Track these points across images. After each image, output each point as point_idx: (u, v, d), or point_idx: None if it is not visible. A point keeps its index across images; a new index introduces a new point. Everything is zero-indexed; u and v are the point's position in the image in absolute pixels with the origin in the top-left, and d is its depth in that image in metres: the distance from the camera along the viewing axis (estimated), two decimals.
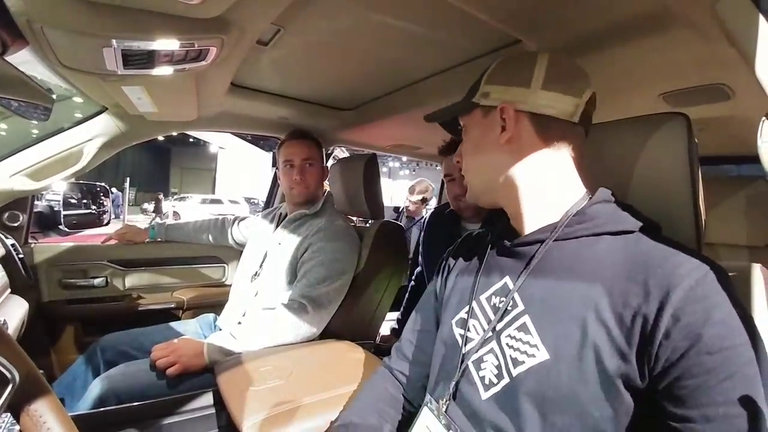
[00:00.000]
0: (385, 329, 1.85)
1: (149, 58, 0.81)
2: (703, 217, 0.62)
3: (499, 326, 0.60)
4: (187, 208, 16.10)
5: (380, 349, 1.32)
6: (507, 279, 0.63)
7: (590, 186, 0.64)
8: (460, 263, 0.77)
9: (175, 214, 15.27)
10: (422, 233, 1.78)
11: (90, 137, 1.38)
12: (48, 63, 0.85)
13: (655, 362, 0.46)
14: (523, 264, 0.62)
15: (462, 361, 0.63)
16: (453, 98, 1.17)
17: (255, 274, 1.45)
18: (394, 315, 1.97)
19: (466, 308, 0.67)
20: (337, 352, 1.15)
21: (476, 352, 0.61)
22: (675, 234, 0.59)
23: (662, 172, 0.63)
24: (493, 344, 0.60)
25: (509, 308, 0.60)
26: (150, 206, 16.93)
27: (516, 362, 0.56)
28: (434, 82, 1.19)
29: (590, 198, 0.61)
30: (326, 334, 1.30)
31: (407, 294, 1.89)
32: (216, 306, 1.66)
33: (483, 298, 0.65)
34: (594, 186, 0.64)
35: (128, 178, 13.31)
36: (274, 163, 1.64)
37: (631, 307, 0.49)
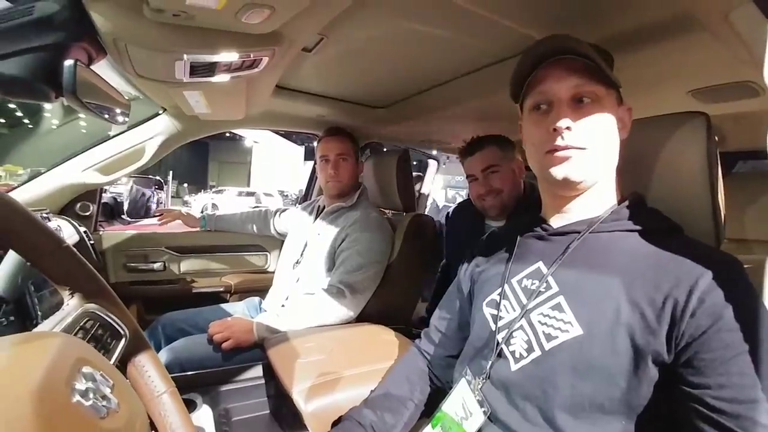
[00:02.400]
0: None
1: (211, 68, 0.92)
2: (723, 214, 0.65)
3: (530, 305, 0.66)
4: (224, 201, 16.71)
5: (411, 333, 1.40)
6: (540, 264, 0.69)
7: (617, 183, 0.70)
8: (488, 254, 0.83)
9: (214, 206, 15.89)
10: (446, 226, 1.84)
11: (151, 136, 1.53)
12: (123, 71, 0.98)
13: (681, 338, 0.52)
14: (559, 251, 0.68)
15: (495, 341, 0.69)
16: (481, 98, 1.23)
17: (296, 262, 1.56)
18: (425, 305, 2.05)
19: (499, 290, 0.73)
20: (372, 334, 1.24)
21: (507, 328, 0.68)
22: (693, 230, 0.64)
23: (681, 171, 0.67)
24: (523, 321, 0.66)
25: (542, 290, 0.66)
26: (191, 198, 17.65)
27: (549, 337, 0.62)
28: (462, 82, 1.26)
29: (624, 198, 0.68)
30: (362, 318, 1.40)
31: (435, 284, 1.96)
32: (260, 291, 1.79)
33: (515, 281, 0.72)
34: (618, 182, 0.70)
35: (171, 172, 13.96)
36: (306, 157, 1.75)
37: (662, 291, 0.54)
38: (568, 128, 0.62)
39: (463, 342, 0.84)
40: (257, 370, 1.16)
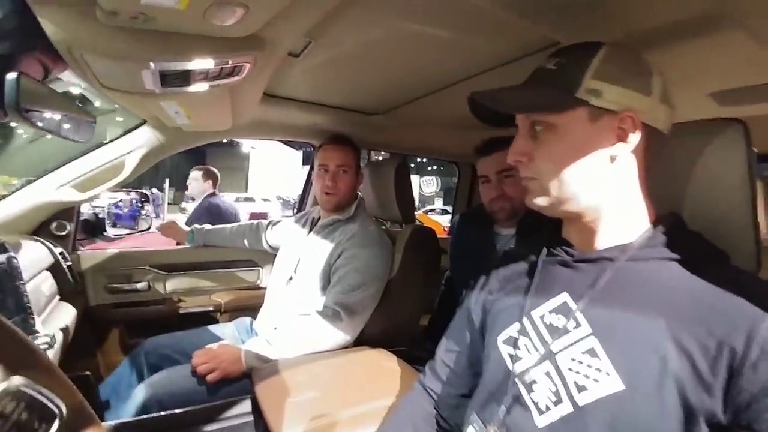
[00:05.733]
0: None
1: (185, 77, 0.82)
2: (763, 232, 0.57)
3: (556, 346, 0.57)
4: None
5: (413, 356, 1.31)
6: (566, 296, 0.60)
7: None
8: (503, 280, 0.73)
9: None
10: (452, 236, 1.74)
11: (131, 149, 1.43)
12: (89, 83, 0.89)
13: (740, 396, 0.43)
14: (588, 282, 0.58)
15: (512, 383, 0.60)
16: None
17: (289, 279, 1.46)
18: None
19: (516, 326, 0.64)
20: (372, 362, 1.15)
21: (528, 372, 0.59)
22: (732, 254, 0.55)
23: (719, 185, 0.59)
24: (548, 365, 0.57)
25: (571, 328, 0.57)
26: (188, 205, 17.53)
27: (581, 388, 0.53)
28: (465, 86, 1.16)
29: (659, 219, 0.59)
30: (359, 340, 1.31)
31: (438, 298, 1.86)
32: (252, 309, 1.69)
33: (536, 315, 0.62)
34: (649, 198, 0.61)
35: (167, 179, 13.87)
36: (304, 161, 1.66)
37: (715, 336, 0.46)
38: (518, 161, 0.63)
39: (474, 379, 0.75)
40: (246, 405, 1.06)
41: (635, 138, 0.57)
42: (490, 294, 0.74)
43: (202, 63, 0.75)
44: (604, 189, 0.59)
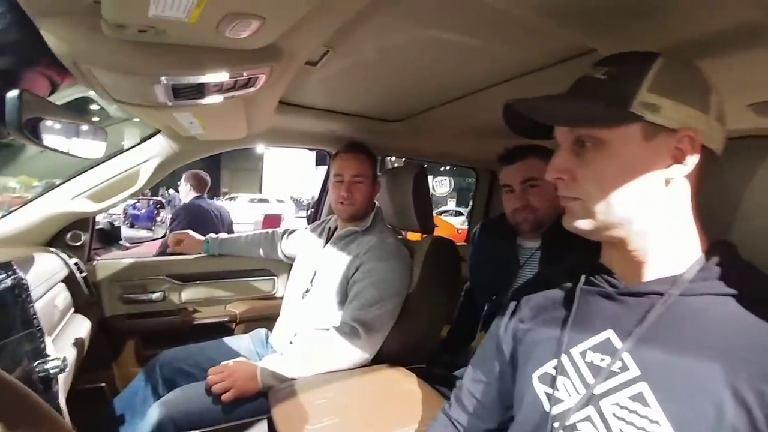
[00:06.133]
0: None
1: (199, 90, 0.78)
2: None
3: (599, 389, 0.52)
4: (237, 208, 16.75)
5: (432, 374, 1.25)
6: (610, 333, 0.54)
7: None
8: (536, 308, 0.67)
9: None
10: (472, 247, 1.68)
11: (146, 158, 1.41)
12: (99, 95, 0.86)
13: None
14: (635, 318, 0.53)
15: (550, 427, 0.55)
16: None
17: (306, 291, 1.42)
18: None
19: (553, 362, 0.58)
20: (391, 383, 1.10)
21: (567, 416, 0.53)
22: None
23: None
24: (591, 410, 0.52)
25: (617, 370, 0.51)
26: None
27: None
28: (490, 94, 1.10)
29: (710, 248, 0.53)
30: (377, 357, 1.26)
31: (457, 311, 1.80)
32: (267, 319, 1.66)
33: (576, 352, 0.57)
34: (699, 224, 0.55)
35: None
36: (317, 162, 1.62)
37: None
38: (558, 178, 0.56)
39: (503, 413, 0.70)
40: (262, 427, 1.02)
41: (693, 160, 0.51)
42: (521, 322, 0.68)
43: (216, 76, 0.71)
44: (656, 215, 0.53)
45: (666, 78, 0.51)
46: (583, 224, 0.55)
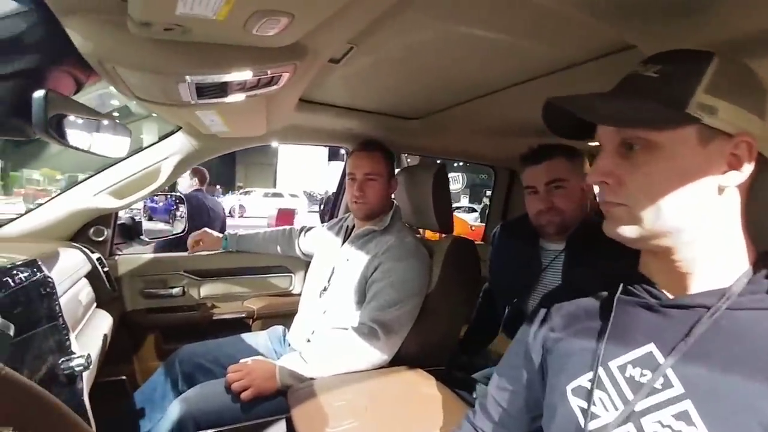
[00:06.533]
0: None
1: (222, 88, 0.77)
2: None
3: (640, 405, 0.49)
4: (251, 202, 16.90)
5: (451, 377, 1.23)
6: (652, 347, 0.52)
7: None
8: (568, 316, 0.64)
9: (241, 207, 16.09)
10: (492, 248, 1.64)
11: (166, 155, 1.42)
12: (122, 93, 0.85)
13: None
14: (680, 332, 0.50)
15: None
16: (535, 108, 1.03)
17: (323, 290, 1.42)
18: None
19: (589, 375, 0.56)
20: (411, 385, 1.08)
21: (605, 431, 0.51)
22: None
23: None
24: (631, 428, 0.49)
25: (659, 386, 0.49)
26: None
27: None
28: (516, 91, 1.07)
29: (759, 260, 0.50)
30: (396, 358, 1.24)
31: (475, 311, 1.77)
32: (284, 316, 1.67)
33: (614, 365, 0.54)
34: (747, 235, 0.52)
35: None
36: (330, 157, 1.61)
37: None
38: (603, 182, 0.53)
39: (530, 423, 0.68)
40: (280, 427, 1.02)
41: (749, 168, 0.48)
42: (552, 331, 0.66)
43: (241, 75, 0.70)
44: (709, 224, 0.50)
45: (723, 79, 0.48)
46: (628, 231, 0.52)
